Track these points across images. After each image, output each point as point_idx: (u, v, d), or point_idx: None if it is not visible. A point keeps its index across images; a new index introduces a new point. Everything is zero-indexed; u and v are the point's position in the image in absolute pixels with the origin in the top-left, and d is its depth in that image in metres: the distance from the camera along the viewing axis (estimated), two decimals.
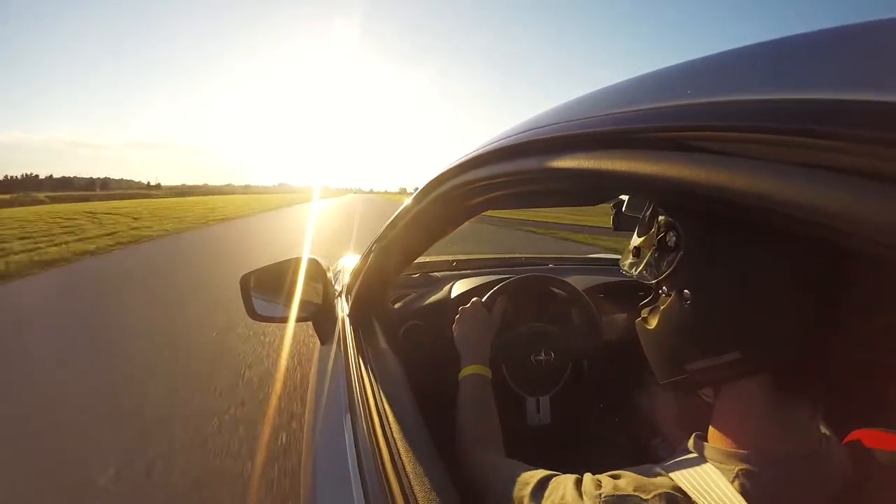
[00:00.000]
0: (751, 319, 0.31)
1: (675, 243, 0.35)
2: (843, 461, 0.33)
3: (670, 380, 0.38)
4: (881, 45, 0.19)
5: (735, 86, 0.23)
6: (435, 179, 0.58)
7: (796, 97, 0.20)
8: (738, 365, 0.32)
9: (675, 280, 0.36)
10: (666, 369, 0.38)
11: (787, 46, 0.23)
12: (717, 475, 0.32)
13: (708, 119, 0.23)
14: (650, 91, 0.29)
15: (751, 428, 0.33)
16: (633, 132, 0.29)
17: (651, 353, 0.40)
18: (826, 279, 0.29)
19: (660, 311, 0.38)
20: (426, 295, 1.09)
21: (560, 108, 0.39)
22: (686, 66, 0.28)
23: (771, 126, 0.20)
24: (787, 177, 0.20)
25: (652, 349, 0.40)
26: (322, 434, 0.78)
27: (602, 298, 1.07)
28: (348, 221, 14.11)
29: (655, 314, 0.38)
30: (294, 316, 1.00)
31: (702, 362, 0.34)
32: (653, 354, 0.40)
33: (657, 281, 0.38)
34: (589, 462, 0.45)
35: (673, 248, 0.36)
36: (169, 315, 3.51)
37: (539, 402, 0.88)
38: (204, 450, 1.73)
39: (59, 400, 2.16)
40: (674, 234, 0.36)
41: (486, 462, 0.52)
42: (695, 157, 0.24)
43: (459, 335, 0.78)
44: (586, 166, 0.32)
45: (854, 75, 0.19)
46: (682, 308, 0.35)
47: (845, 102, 0.18)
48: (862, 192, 0.17)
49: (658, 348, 0.39)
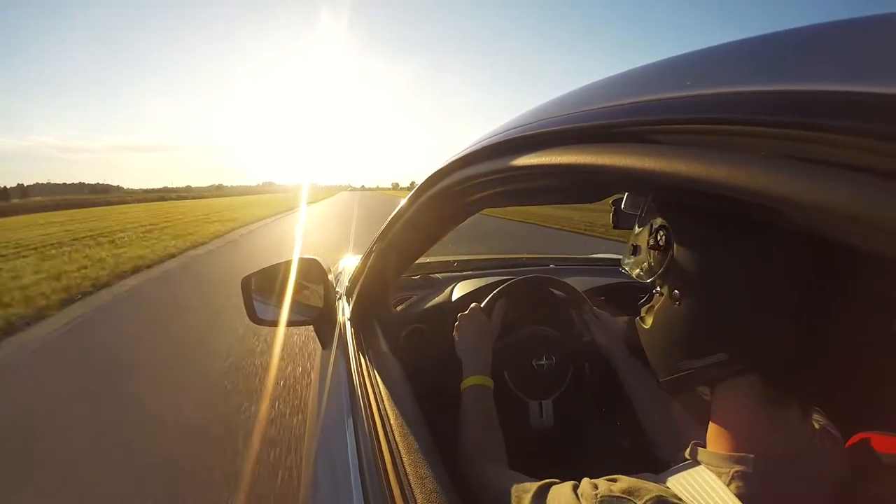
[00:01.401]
0: (737, 320, 0.31)
1: (666, 242, 0.35)
2: (840, 462, 0.33)
3: (667, 377, 0.38)
4: (879, 39, 0.19)
5: (731, 78, 0.23)
6: (432, 176, 0.57)
7: (789, 89, 0.20)
8: (725, 366, 0.33)
9: (666, 279, 0.36)
10: (661, 368, 0.39)
11: (781, 39, 0.23)
12: (713, 479, 0.32)
13: (709, 111, 0.23)
14: (649, 84, 0.29)
15: (745, 428, 0.34)
16: (633, 125, 0.28)
17: (648, 352, 0.41)
18: (816, 277, 0.29)
19: (654, 310, 0.38)
20: (427, 297, 1.09)
21: (557, 101, 0.38)
22: (683, 59, 0.28)
23: (763, 119, 0.20)
24: (778, 170, 0.20)
25: (648, 349, 0.40)
26: (324, 438, 0.78)
27: (603, 300, 1.07)
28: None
29: (650, 314, 0.39)
30: (296, 319, 1.00)
31: (690, 362, 0.35)
32: (649, 354, 0.40)
33: (652, 280, 0.38)
34: (592, 465, 0.45)
35: (664, 248, 0.36)
36: None
37: (542, 405, 0.88)
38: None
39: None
40: (663, 232, 0.36)
41: (489, 475, 0.52)
42: (694, 151, 0.24)
43: (460, 343, 0.78)
44: (585, 161, 0.31)
45: (851, 68, 0.19)
46: (672, 308, 0.35)
47: (840, 94, 0.18)
48: (857, 187, 0.17)
49: (653, 348, 0.39)
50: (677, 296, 0.34)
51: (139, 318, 3.83)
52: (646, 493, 0.32)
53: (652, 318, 0.38)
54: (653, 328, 0.38)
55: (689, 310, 0.34)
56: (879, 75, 0.17)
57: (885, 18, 0.19)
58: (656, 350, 0.39)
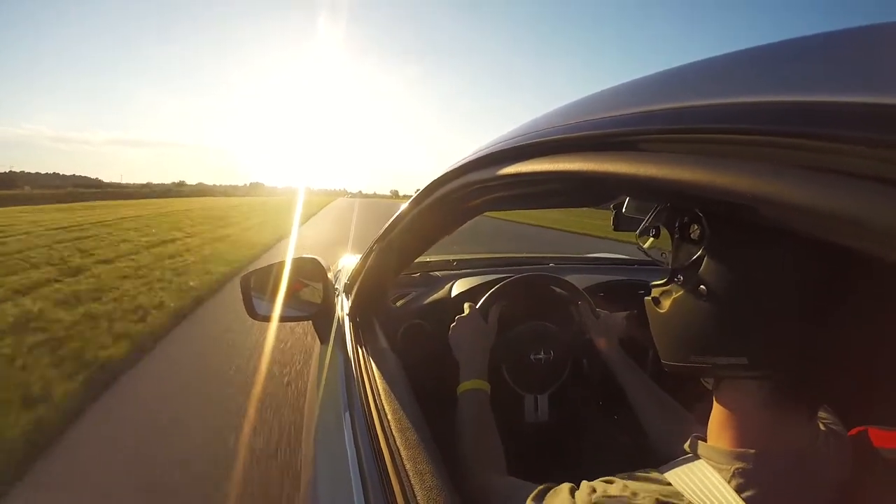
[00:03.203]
0: (763, 328, 0.31)
1: (700, 237, 0.34)
2: (843, 459, 0.33)
3: (673, 364, 0.37)
4: (882, 47, 0.19)
5: (732, 88, 0.23)
6: (436, 181, 0.58)
7: (787, 99, 0.20)
8: (743, 369, 0.32)
9: (693, 272, 0.35)
10: (670, 353, 0.38)
11: (780, 49, 0.23)
12: (715, 475, 0.31)
13: (710, 121, 0.24)
14: (651, 93, 0.29)
15: (749, 425, 0.33)
16: (634, 134, 0.29)
17: (658, 333, 0.39)
18: (835, 284, 0.29)
19: (672, 297, 0.37)
20: (426, 294, 1.09)
21: (561, 111, 0.39)
22: (689, 68, 0.28)
23: (763, 128, 0.20)
24: (778, 178, 0.20)
25: (659, 331, 0.39)
26: (322, 433, 0.78)
27: (602, 297, 1.07)
28: None
29: (668, 298, 0.37)
30: (294, 315, 1.01)
31: (706, 359, 0.34)
32: (659, 335, 0.39)
33: (674, 268, 0.37)
34: (586, 461, 0.45)
35: (696, 241, 0.35)
36: None
37: (537, 399, 0.88)
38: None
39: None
40: (698, 227, 0.34)
41: (486, 481, 0.52)
42: (699, 159, 0.24)
43: (456, 345, 0.78)
44: (588, 168, 0.32)
45: (848, 77, 0.19)
46: (696, 303, 0.34)
47: (837, 105, 0.18)
48: (857, 194, 0.17)
49: (666, 333, 0.38)
50: (703, 292, 0.33)
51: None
52: (644, 494, 0.32)
53: (669, 303, 0.37)
54: (669, 315, 0.37)
55: (714, 308, 0.33)
56: (880, 84, 0.17)
57: (889, 27, 0.19)
58: (668, 336, 0.38)
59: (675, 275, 0.37)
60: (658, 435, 0.64)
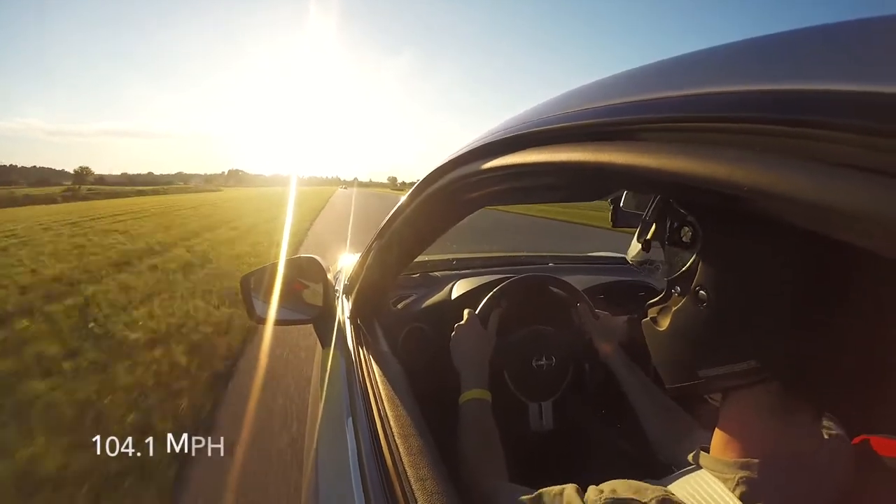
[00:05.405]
0: (770, 327, 0.30)
1: (692, 240, 0.33)
2: (847, 467, 0.33)
3: (680, 384, 0.36)
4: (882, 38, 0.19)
5: (732, 77, 0.23)
6: (433, 173, 0.57)
7: (787, 88, 0.19)
8: (754, 373, 0.31)
9: (689, 280, 0.33)
10: (676, 374, 0.36)
11: (780, 39, 0.22)
12: (718, 485, 0.31)
13: (710, 110, 0.23)
14: (650, 82, 0.29)
15: (754, 434, 0.33)
16: (634, 124, 0.28)
17: (660, 356, 0.38)
18: (842, 280, 0.28)
19: (671, 311, 0.35)
20: (426, 295, 1.08)
21: (560, 99, 0.38)
22: (684, 58, 0.28)
23: (762, 116, 0.20)
24: (777, 168, 0.19)
25: (662, 352, 0.37)
26: (324, 438, 0.78)
27: (602, 299, 1.06)
28: None
29: (666, 315, 0.36)
30: (295, 318, 1.00)
31: (716, 369, 0.32)
32: (662, 358, 0.37)
33: (669, 279, 0.36)
34: (593, 468, 0.44)
35: (689, 245, 0.33)
36: None
37: (542, 407, 0.87)
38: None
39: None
40: (689, 229, 0.33)
41: (489, 490, 0.51)
42: (699, 149, 0.24)
43: (456, 355, 0.78)
44: (587, 158, 0.31)
45: (850, 66, 0.18)
46: (697, 311, 0.33)
47: (840, 94, 0.17)
48: (857, 184, 0.17)
49: (669, 352, 0.36)
50: (704, 297, 0.32)
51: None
52: (650, 494, 0.32)
53: (669, 319, 0.35)
54: (671, 331, 0.35)
55: (718, 312, 0.31)
56: (881, 74, 0.17)
57: (888, 19, 0.19)
58: (672, 355, 0.36)
59: (671, 287, 0.36)
60: (660, 438, 0.63)
